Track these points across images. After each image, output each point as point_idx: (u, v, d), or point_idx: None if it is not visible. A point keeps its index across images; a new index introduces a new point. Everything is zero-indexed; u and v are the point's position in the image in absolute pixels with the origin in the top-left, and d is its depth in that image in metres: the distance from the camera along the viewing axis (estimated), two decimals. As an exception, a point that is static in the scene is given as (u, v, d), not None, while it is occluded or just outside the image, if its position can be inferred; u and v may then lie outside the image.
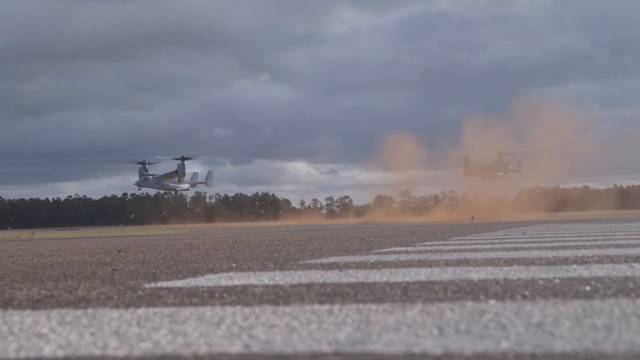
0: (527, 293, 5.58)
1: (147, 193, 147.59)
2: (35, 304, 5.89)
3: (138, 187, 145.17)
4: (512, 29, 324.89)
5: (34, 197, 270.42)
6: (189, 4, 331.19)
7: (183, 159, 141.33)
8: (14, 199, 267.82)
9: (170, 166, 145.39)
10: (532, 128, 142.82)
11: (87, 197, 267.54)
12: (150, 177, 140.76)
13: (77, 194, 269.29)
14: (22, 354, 3.59)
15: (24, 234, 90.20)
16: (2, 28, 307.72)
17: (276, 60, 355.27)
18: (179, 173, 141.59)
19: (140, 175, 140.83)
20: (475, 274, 7.41)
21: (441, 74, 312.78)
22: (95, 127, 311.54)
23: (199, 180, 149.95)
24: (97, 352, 3.59)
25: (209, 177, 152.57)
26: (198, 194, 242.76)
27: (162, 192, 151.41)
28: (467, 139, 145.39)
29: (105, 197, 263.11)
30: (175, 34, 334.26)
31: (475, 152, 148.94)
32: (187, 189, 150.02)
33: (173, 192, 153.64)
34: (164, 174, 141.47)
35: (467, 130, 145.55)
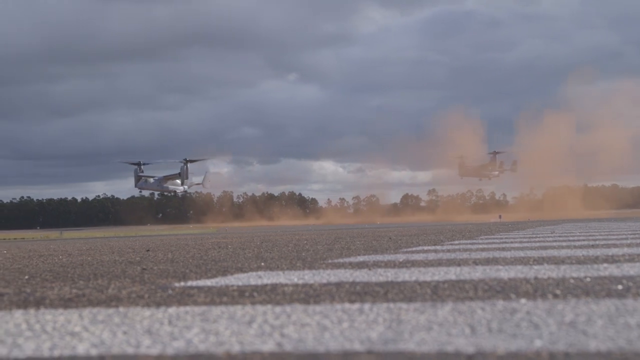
0: (558, 292, 5.55)
1: (175, 192, 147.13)
2: (67, 303, 5.92)
3: (139, 190, 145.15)
4: (540, 27, 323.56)
5: (63, 197, 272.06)
6: (219, 4, 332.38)
7: (186, 161, 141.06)
8: (43, 199, 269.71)
9: (165, 167, 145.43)
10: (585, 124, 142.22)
11: (115, 196, 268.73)
12: (151, 179, 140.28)
13: (104, 194, 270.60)
14: (56, 353, 3.61)
15: (53, 233, 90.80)
16: (34, 31, 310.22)
17: (304, 60, 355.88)
18: (182, 175, 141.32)
19: (136, 176, 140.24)
20: (505, 273, 7.38)
21: (468, 73, 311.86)
22: (124, 128, 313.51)
23: (196, 182, 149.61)
24: (130, 350, 3.61)
25: (206, 178, 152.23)
26: (225, 193, 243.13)
27: (166, 193, 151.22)
28: (521, 134, 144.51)
29: (132, 197, 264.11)
30: (204, 34, 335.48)
31: (469, 151, 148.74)
32: (185, 191, 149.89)
33: (172, 194, 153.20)
34: (164, 176, 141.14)
35: (521, 125, 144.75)
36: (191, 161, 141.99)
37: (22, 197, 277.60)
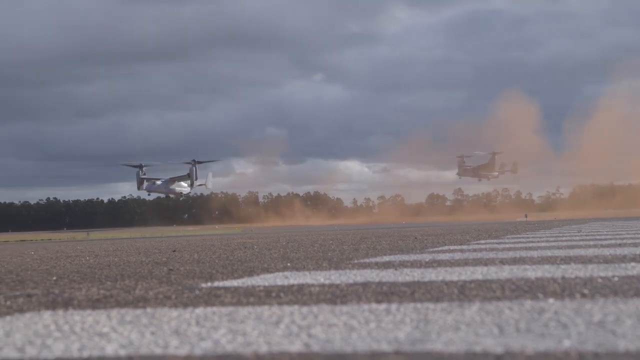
0: (586, 291, 5.52)
1: (201, 193, 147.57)
2: (95, 304, 5.95)
3: (148, 193, 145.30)
4: (567, 25, 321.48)
5: (90, 198, 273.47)
6: (245, 5, 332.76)
7: (194, 162, 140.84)
8: (70, 200, 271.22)
9: (165, 169, 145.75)
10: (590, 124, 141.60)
11: (141, 197, 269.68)
12: (159, 181, 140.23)
13: (131, 195, 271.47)
14: (85, 353, 3.63)
15: (80, 234, 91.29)
16: (62, 32, 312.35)
17: (330, 60, 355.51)
18: (192, 176, 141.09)
19: (138, 178, 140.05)
20: (532, 273, 7.36)
21: (494, 72, 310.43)
22: (151, 128, 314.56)
23: (199, 183, 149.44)
24: (158, 351, 3.62)
25: (208, 179, 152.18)
26: (251, 193, 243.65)
27: (171, 195, 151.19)
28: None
29: (158, 198, 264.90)
30: (230, 35, 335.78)
31: (469, 152, 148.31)
32: (189, 192, 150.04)
33: (181, 196, 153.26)
34: (170, 178, 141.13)
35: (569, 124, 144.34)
36: (199, 162, 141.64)
37: (49, 198, 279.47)
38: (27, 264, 13.92)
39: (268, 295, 6.07)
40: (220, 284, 7.47)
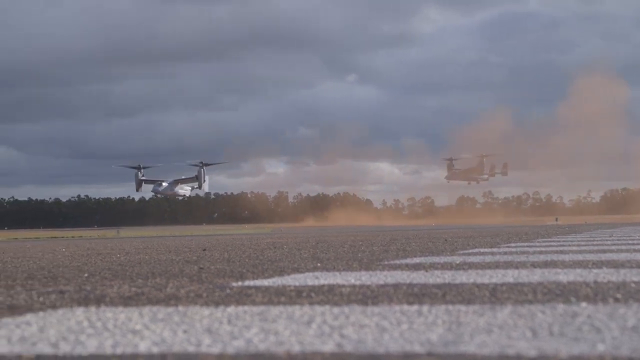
0: (619, 296, 5.49)
1: (231, 192, 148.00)
2: (127, 301, 5.98)
3: (155, 195, 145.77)
4: (602, 27, 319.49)
5: (120, 197, 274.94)
6: (278, 5, 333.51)
7: (202, 164, 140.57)
8: (100, 198, 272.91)
9: (164, 171, 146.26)
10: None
11: (145, 198, 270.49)
12: (165, 183, 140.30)
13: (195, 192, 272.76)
14: (119, 350, 3.65)
15: (110, 232, 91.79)
16: (95, 32, 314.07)
17: (362, 61, 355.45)
18: (200, 178, 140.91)
19: (137, 180, 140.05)
20: (564, 276, 7.32)
21: (528, 74, 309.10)
22: (181, 128, 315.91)
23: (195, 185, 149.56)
24: (191, 349, 3.63)
25: (205, 182, 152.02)
26: (280, 193, 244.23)
27: (177, 197, 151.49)
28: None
29: (189, 196, 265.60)
30: (263, 35, 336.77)
31: (458, 154, 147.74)
32: (189, 195, 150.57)
33: (184, 197, 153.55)
34: (174, 180, 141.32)
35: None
36: (207, 164, 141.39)
37: (80, 195, 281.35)
38: (58, 261, 14.01)
39: (299, 295, 6.07)
40: (251, 283, 7.49)
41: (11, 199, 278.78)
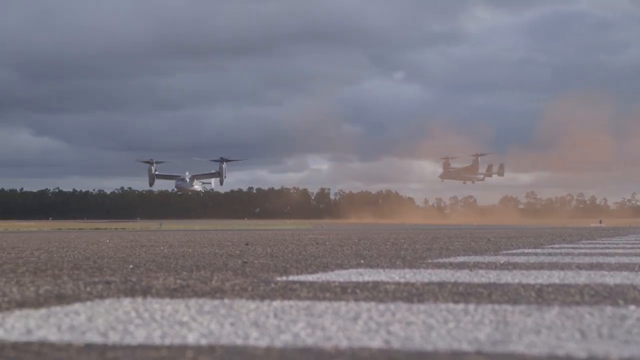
0: (668, 300, 5.42)
1: (272, 188, 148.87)
2: (173, 293, 6.02)
3: (178, 190, 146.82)
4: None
5: (163, 190, 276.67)
6: (327, 2, 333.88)
7: (222, 160, 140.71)
8: (144, 191, 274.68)
9: (176, 165, 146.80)
10: None
11: (214, 190, 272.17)
12: (187, 179, 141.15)
13: (204, 187, 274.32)
14: (167, 341, 3.67)
15: (153, 224, 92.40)
16: (146, 25, 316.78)
17: (410, 59, 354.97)
18: (221, 174, 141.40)
19: (150, 174, 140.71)
20: (610, 279, 7.25)
21: (577, 74, 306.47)
22: (226, 122, 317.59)
23: (206, 181, 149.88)
24: (239, 342, 3.65)
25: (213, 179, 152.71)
26: (323, 189, 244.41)
27: (190, 192, 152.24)
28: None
29: (232, 191, 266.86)
30: (311, 31, 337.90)
31: (454, 153, 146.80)
32: (202, 190, 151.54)
33: (201, 193, 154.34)
34: (192, 175, 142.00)
35: None
36: (227, 160, 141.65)
37: (123, 187, 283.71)
38: (103, 252, 14.14)
39: (344, 291, 6.07)
40: (295, 278, 7.50)
41: (56, 190, 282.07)
